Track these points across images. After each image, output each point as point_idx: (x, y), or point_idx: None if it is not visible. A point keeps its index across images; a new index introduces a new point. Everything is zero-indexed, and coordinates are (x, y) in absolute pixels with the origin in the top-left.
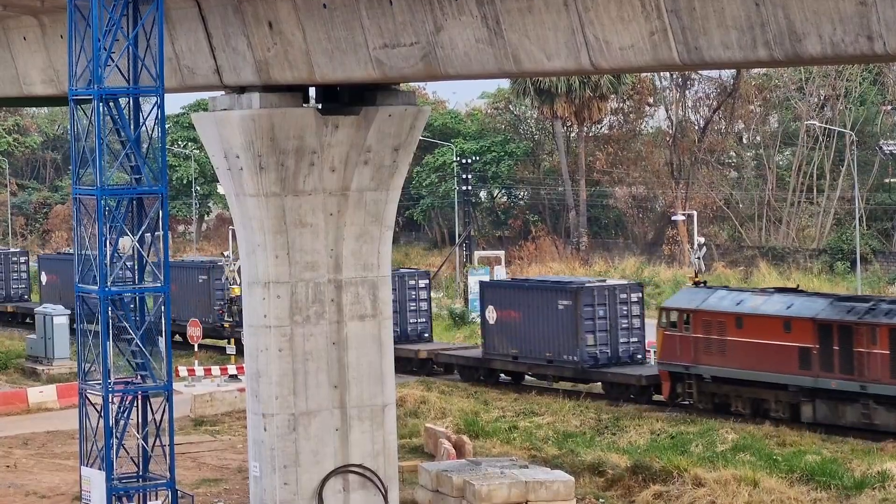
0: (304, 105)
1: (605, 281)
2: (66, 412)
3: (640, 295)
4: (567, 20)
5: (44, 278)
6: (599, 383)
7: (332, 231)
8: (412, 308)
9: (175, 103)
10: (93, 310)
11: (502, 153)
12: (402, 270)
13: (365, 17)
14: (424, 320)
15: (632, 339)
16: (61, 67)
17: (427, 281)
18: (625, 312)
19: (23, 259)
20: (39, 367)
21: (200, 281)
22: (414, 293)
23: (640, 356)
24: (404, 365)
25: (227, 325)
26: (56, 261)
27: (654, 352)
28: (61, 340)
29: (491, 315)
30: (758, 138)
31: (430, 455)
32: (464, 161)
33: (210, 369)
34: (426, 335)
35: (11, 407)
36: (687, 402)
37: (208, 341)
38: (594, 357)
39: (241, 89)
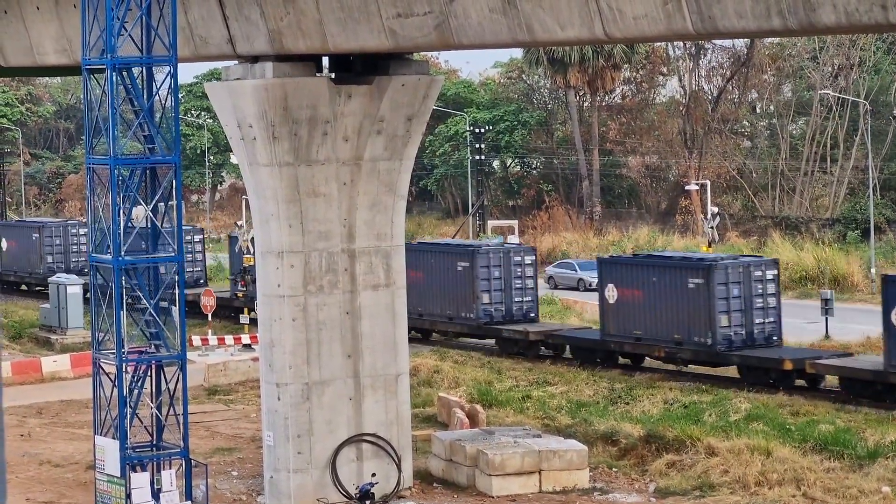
0: (317, 75)
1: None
2: (80, 381)
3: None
4: None
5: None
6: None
7: (345, 201)
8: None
9: (188, 73)
10: (107, 279)
11: (515, 122)
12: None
13: None
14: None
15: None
16: (74, 37)
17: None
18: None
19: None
20: (53, 336)
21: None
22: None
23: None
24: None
25: (240, 294)
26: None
27: None
28: (75, 310)
29: (611, 294)
30: (771, 108)
31: (444, 424)
32: (477, 130)
33: (224, 339)
34: (532, 315)
35: (25, 376)
36: None
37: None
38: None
39: (255, 59)
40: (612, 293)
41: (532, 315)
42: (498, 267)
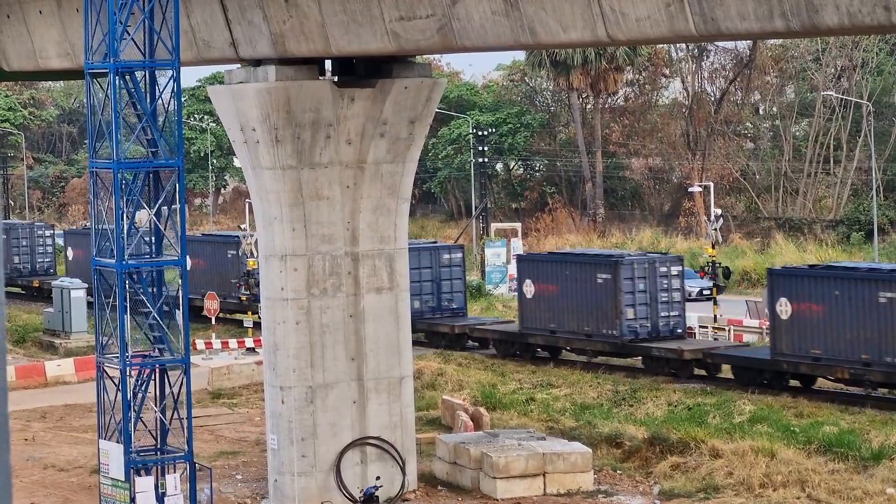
0: (320, 78)
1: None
2: (84, 385)
3: (681, 268)
4: None
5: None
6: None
7: (348, 204)
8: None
9: (191, 76)
10: (110, 283)
11: (518, 125)
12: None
13: None
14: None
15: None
16: (77, 41)
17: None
18: (665, 286)
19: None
20: (57, 340)
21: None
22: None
23: (679, 330)
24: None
25: (243, 298)
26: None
27: None
28: (79, 314)
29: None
30: (774, 109)
31: (448, 427)
32: (480, 133)
33: (227, 342)
34: (679, 330)
35: (29, 380)
36: None
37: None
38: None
39: (257, 62)
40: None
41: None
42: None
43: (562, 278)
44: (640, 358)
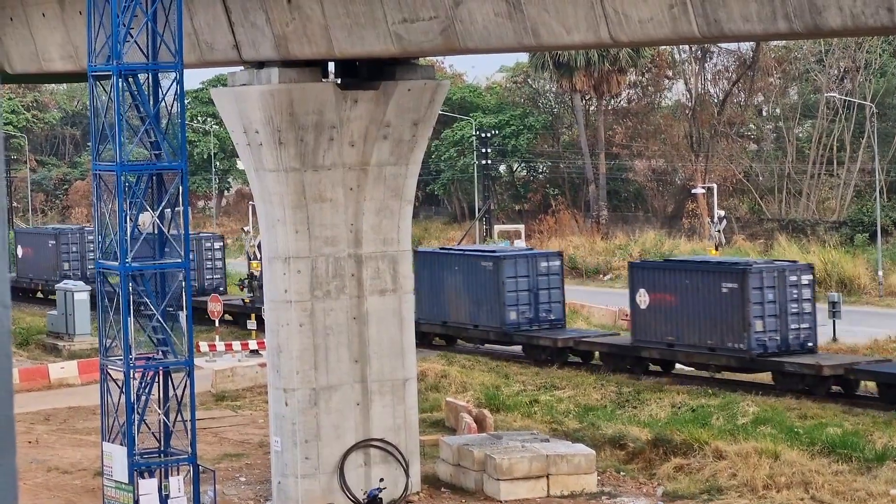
0: (323, 80)
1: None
2: (88, 388)
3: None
4: None
5: (20, 252)
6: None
7: (351, 206)
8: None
9: (194, 78)
10: (114, 286)
11: (521, 127)
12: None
13: None
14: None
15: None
16: (80, 43)
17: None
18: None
19: None
20: (60, 343)
21: None
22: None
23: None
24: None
25: (246, 300)
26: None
27: None
28: (82, 316)
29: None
30: (777, 111)
31: (452, 429)
32: (483, 135)
33: (231, 344)
34: (810, 344)
35: (33, 383)
36: None
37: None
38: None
39: (260, 64)
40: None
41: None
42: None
43: (681, 287)
44: (768, 374)
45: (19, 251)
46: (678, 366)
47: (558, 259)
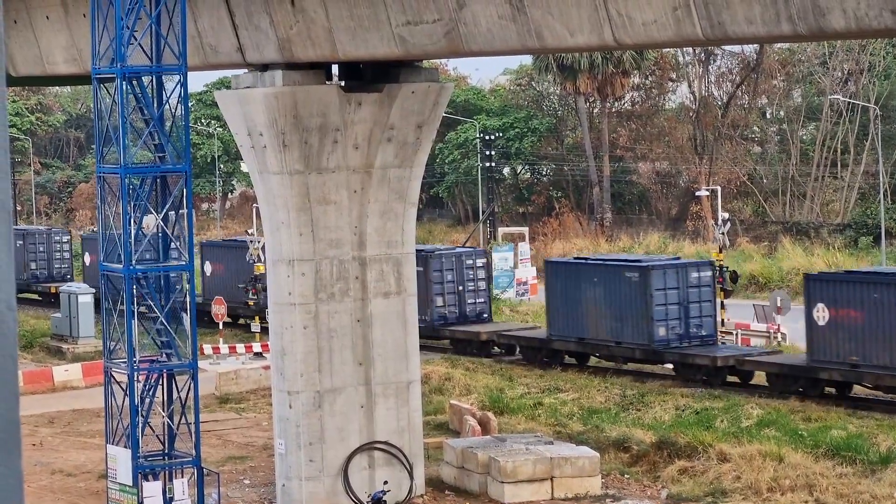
0: (327, 82)
1: (452, 249)
2: (92, 390)
3: (485, 261)
4: None
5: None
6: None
7: (355, 208)
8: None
9: (198, 81)
10: (118, 288)
11: (525, 129)
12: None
13: None
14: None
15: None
16: (84, 46)
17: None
18: (471, 276)
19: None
20: (64, 345)
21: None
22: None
23: (485, 315)
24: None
25: (250, 302)
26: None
27: None
28: (86, 319)
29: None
30: (781, 113)
31: (456, 432)
32: (487, 137)
33: (235, 347)
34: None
35: (37, 385)
36: None
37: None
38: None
39: (264, 67)
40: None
41: None
42: None
43: (868, 302)
44: None
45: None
46: (855, 387)
47: (709, 269)
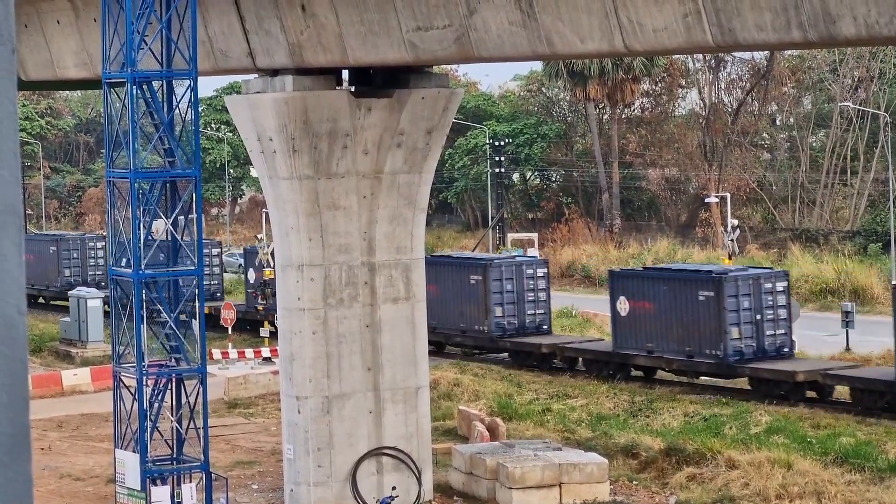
0: (337, 88)
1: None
2: (100, 395)
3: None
4: (600, 3)
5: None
6: None
7: (365, 214)
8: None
9: (208, 86)
10: (127, 292)
11: (535, 135)
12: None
13: (398, 0)
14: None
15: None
16: (95, 51)
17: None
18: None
19: (99, 245)
20: (73, 349)
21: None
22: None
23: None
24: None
25: (259, 307)
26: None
27: None
28: (95, 323)
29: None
30: (791, 120)
31: (464, 437)
32: (496, 143)
33: (244, 352)
34: (545, 327)
35: (45, 389)
36: None
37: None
38: None
39: (275, 72)
40: None
41: None
42: None
43: None
44: None
45: None
46: None
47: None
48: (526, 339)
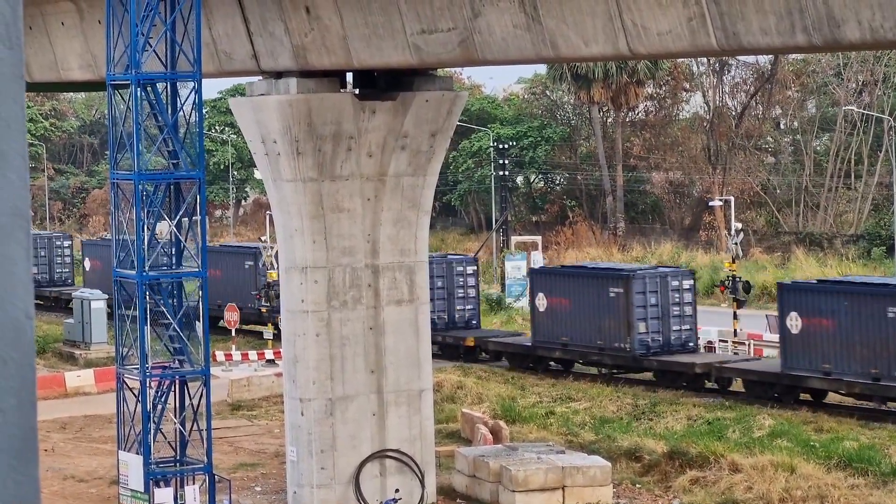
0: (341, 90)
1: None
2: (104, 396)
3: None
4: (605, 6)
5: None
6: None
7: (369, 216)
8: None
9: (212, 88)
10: (131, 294)
11: (539, 138)
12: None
13: (402, 3)
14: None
15: None
16: (99, 53)
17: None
18: None
19: (66, 243)
20: (77, 351)
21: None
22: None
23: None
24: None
25: (263, 310)
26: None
27: None
28: (99, 325)
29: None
30: (795, 123)
31: (467, 440)
32: (501, 146)
33: (247, 354)
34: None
35: (49, 391)
36: None
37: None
38: None
39: (279, 74)
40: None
41: None
42: None
43: None
44: None
45: None
46: None
47: None
48: (673, 358)
